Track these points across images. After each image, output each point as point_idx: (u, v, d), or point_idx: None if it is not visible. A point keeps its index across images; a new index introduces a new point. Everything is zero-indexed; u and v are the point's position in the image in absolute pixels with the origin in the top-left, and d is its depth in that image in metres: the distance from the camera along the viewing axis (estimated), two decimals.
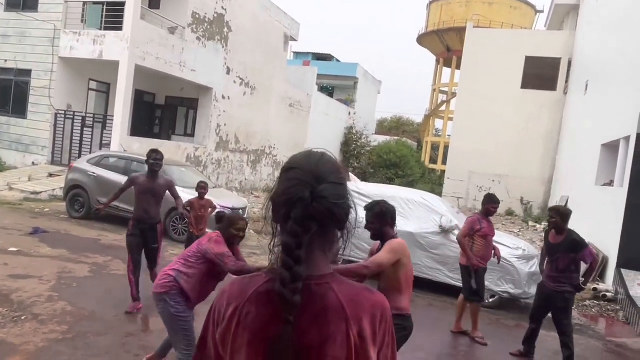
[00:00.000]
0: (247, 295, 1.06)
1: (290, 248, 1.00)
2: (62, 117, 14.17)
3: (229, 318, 1.06)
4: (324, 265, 1.08)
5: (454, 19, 34.74)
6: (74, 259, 7.04)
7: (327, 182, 1.06)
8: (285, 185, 1.07)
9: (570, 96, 20.60)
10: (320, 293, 1.03)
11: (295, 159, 1.13)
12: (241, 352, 1.03)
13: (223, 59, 17.13)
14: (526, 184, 21.81)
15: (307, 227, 1.01)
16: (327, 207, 1.03)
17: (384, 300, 1.09)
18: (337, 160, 1.16)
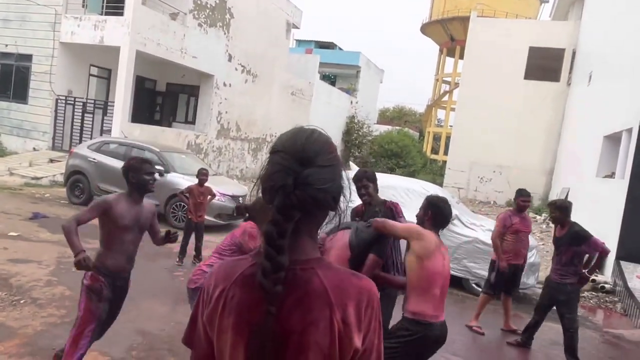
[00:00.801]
0: (233, 278, 1.05)
1: (271, 237, 0.98)
2: (62, 102, 14.13)
3: (215, 299, 1.06)
4: (310, 249, 1.06)
5: (458, 8, 34.44)
6: None
7: (312, 165, 1.01)
8: (270, 170, 1.04)
9: (573, 87, 20.47)
10: (304, 278, 1.01)
11: (281, 140, 1.08)
12: (226, 333, 1.03)
13: (225, 45, 17.03)
14: (527, 175, 21.76)
15: (289, 216, 0.99)
16: (310, 195, 1.00)
17: (371, 286, 1.06)
18: (327, 137, 1.11)
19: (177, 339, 4.42)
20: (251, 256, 1.09)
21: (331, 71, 32.63)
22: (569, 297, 4.94)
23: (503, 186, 22.40)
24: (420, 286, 2.89)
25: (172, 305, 5.28)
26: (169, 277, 6.30)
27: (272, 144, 1.10)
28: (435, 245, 2.92)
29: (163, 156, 9.71)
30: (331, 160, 1.05)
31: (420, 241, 2.89)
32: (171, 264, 6.83)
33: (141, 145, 10.15)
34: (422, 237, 2.90)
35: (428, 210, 3.04)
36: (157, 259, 6.99)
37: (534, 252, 7.59)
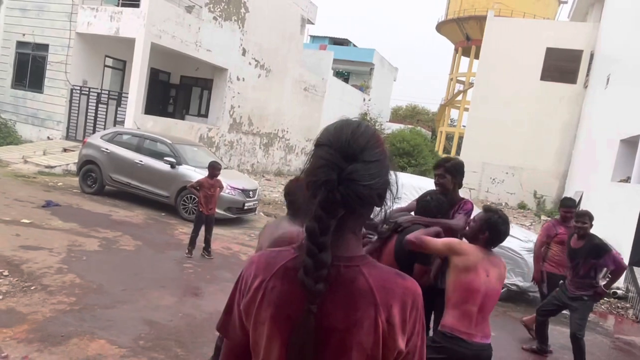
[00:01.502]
0: (274, 269, 1.03)
1: (314, 234, 0.96)
2: (77, 92, 14.24)
3: (254, 290, 1.04)
4: (354, 246, 1.03)
5: (475, 8, 34.10)
6: (84, 232, 7.11)
7: (358, 160, 0.97)
8: (313, 165, 1.01)
9: (590, 90, 20.17)
10: (349, 276, 0.99)
11: (326, 133, 1.04)
12: (264, 325, 1.01)
13: (239, 39, 17.03)
14: (540, 177, 21.54)
15: (332, 213, 0.95)
16: (355, 191, 0.96)
17: (415, 287, 1.04)
18: (374, 131, 1.05)
19: (184, 330, 4.44)
20: (294, 248, 1.06)
21: (345, 68, 32.51)
22: (584, 306, 4.81)
23: (515, 188, 22.19)
24: (454, 299, 2.78)
25: (180, 297, 5.30)
26: (178, 268, 6.32)
27: (317, 136, 1.06)
28: (478, 260, 2.78)
29: (175, 148, 9.74)
30: (378, 155, 1.01)
31: (461, 256, 2.78)
32: (180, 255, 6.85)
33: (154, 136, 10.19)
34: (463, 253, 2.79)
35: (485, 230, 2.83)
36: (167, 250, 7.03)
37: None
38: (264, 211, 11.73)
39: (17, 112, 14.98)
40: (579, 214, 5.00)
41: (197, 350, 4.08)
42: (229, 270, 6.63)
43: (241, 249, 7.98)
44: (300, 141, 22.85)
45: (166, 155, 9.64)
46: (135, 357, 3.80)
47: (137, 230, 7.90)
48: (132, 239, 7.25)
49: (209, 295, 5.52)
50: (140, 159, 9.69)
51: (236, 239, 8.63)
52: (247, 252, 7.78)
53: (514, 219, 16.54)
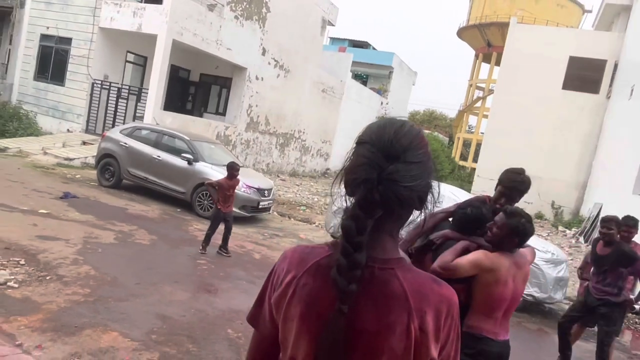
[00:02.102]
0: (307, 265, 1.01)
1: (350, 233, 0.93)
2: (98, 86, 14.40)
3: (285, 285, 1.02)
4: (390, 248, 1.00)
5: (497, 14, 33.76)
6: (100, 225, 7.16)
7: (400, 161, 0.94)
8: (354, 162, 0.98)
9: (613, 100, 19.83)
10: (383, 278, 0.96)
11: (368, 131, 1.02)
12: (293, 321, 1.00)
13: (259, 39, 17.07)
14: (559, 187, 21.20)
15: (370, 212, 0.93)
16: (395, 192, 0.93)
17: (452, 294, 1.00)
18: (418, 131, 1.02)
19: (196, 326, 4.42)
20: (328, 245, 1.04)
21: (364, 70, 32.42)
22: (612, 310, 4.66)
23: (533, 197, 21.84)
24: (482, 307, 2.72)
25: (193, 293, 5.29)
26: (191, 264, 6.32)
27: (359, 134, 1.03)
28: (507, 271, 2.67)
29: (193, 145, 9.78)
30: (421, 156, 0.98)
31: (492, 272, 2.66)
32: (194, 251, 6.85)
33: (172, 132, 10.24)
34: (494, 268, 2.66)
35: (514, 237, 2.70)
36: (181, 246, 7.04)
37: (564, 267, 7.36)
38: (278, 211, 11.72)
39: (39, 104, 15.20)
40: (604, 219, 4.87)
41: (209, 347, 4.06)
42: (242, 268, 6.62)
43: (255, 247, 7.96)
44: (316, 142, 22.83)
45: (184, 151, 9.68)
46: (148, 350, 3.79)
47: (153, 224, 7.94)
48: (148, 233, 7.28)
49: (222, 293, 5.50)
50: (158, 155, 9.75)
51: (250, 237, 8.62)
52: (260, 251, 7.77)
53: None
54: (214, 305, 5.03)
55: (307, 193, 16.09)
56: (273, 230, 9.65)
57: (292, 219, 11.41)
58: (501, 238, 2.72)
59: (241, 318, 4.80)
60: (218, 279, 5.97)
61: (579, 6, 34.84)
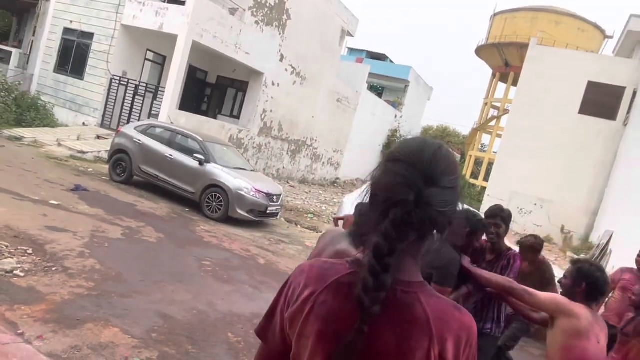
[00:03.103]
0: (327, 283, 0.99)
1: (381, 252, 0.91)
2: (116, 82, 14.55)
3: (302, 301, 1.00)
4: (413, 271, 0.99)
5: (517, 34, 33.70)
6: (109, 220, 7.20)
7: (437, 185, 0.93)
8: (389, 180, 0.96)
9: (630, 128, 19.63)
10: (406, 302, 0.95)
11: (405, 149, 0.99)
12: (308, 339, 0.97)
13: (278, 45, 17.18)
14: (569, 212, 20.98)
15: (404, 234, 0.91)
16: (430, 216, 0.92)
17: (472, 323, 0.99)
18: (453, 157, 1.02)
19: (197, 327, 4.41)
20: (349, 263, 1.01)
21: (379, 82, 32.46)
22: None
23: (543, 220, 21.65)
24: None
25: (196, 294, 5.28)
26: (196, 265, 6.32)
27: (392, 150, 1.02)
28: (589, 324, 2.39)
29: (205, 146, 9.83)
30: (454, 182, 0.98)
31: (571, 319, 2.38)
32: (200, 252, 6.86)
33: (186, 132, 10.31)
34: (573, 314, 2.39)
35: (581, 281, 2.49)
36: (187, 246, 7.05)
37: None
38: (286, 217, 11.71)
39: (57, 96, 15.39)
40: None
41: (209, 350, 4.05)
42: (246, 272, 6.61)
43: (260, 252, 7.95)
44: (327, 151, 22.84)
45: (196, 152, 9.73)
46: (147, 349, 3.78)
47: (161, 222, 7.97)
48: (155, 231, 7.31)
49: (224, 296, 5.49)
50: (170, 153, 9.81)
51: (255, 242, 8.62)
52: (265, 257, 7.75)
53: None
54: (215, 307, 5.02)
55: (315, 201, 16.08)
56: (279, 236, 9.63)
57: (299, 226, 11.40)
58: (570, 286, 2.54)
59: (242, 322, 4.78)
60: (221, 281, 5.96)
61: (600, 31, 34.68)
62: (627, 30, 22.59)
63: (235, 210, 9.23)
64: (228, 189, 9.26)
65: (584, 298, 2.48)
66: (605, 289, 2.54)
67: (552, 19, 33.89)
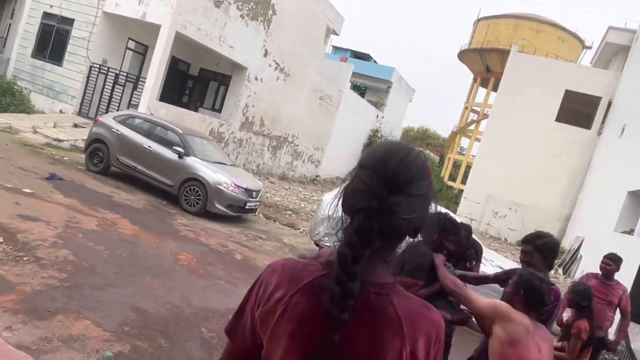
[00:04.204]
0: (300, 284, 0.99)
1: (345, 261, 0.92)
2: (96, 70, 14.29)
3: (274, 301, 1.00)
4: (384, 273, 1.01)
5: (499, 40, 34.19)
6: (84, 210, 7.08)
7: (402, 193, 0.93)
8: (355, 186, 0.97)
9: (604, 137, 20.15)
10: (378, 304, 0.96)
11: (373, 155, 0.99)
12: (280, 341, 0.98)
13: (263, 40, 17.09)
14: (543, 217, 21.44)
15: (368, 242, 0.92)
16: (393, 224, 0.93)
17: (440, 320, 1.01)
18: (423, 161, 1.00)
19: (171, 322, 4.39)
20: (321, 264, 1.02)
21: (363, 82, 32.56)
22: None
23: (517, 224, 22.07)
24: None
25: (171, 288, 5.24)
26: (172, 259, 6.27)
27: (363, 155, 1.02)
28: (527, 331, 2.37)
29: (185, 138, 9.74)
30: (423, 188, 0.97)
31: (509, 325, 2.37)
32: (176, 245, 6.80)
33: (166, 124, 10.19)
34: (511, 320, 2.38)
35: (519, 289, 2.49)
36: (164, 239, 6.99)
37: None
38: (264, 213, 11.69)
39: (34, 82, 15.03)
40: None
41: (181, 345, 4.03)
42: (222, 267, 6.58)
43: (237, 247, 7.93)
44: (308, 148, 22.84)
45: (175, 144, 9.64)
46: (119, 342, 3.75)
47: (137, 215, 7.87)
48: (131, 223, 7.22)
49: (199, 291, 5.47)
50: (149, 145, 9.69)
51: (233, 237, 8.59)
52: (242, 252, 7.74)
53: (511, 255, 16.43)
54: (190, 302, 5.00)
55: (294, 198, 16.08)
56: (257, 232, 9.62)
57: (278, 222, 11.39)
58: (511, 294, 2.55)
59: (216, 318, 4.77)
60: (197, 276, 5.93)
61: (579, 41, 35.42)
62: (605, 41, 23.16)
63: (213, 205, 9.18)
64: (207, 183, 9.20)
65: (522, 306, 2.46)
66: (544, 299, 2.48)
67: (533, 27, 34.48)
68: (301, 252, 9.04)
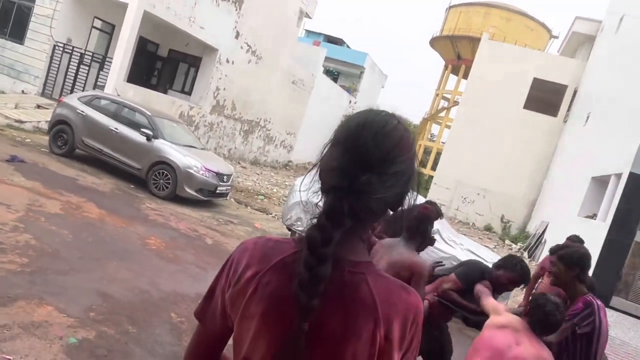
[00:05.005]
0: (271, 262, 0.94)
1: (315, 243, 0.86)
2: (60, 50, 13.75)
3: (245, 281, 0.95)
4: (360, 250, 0.96)
5: (470, 28, 34.48)
6: (47, 194, 6.84)
7: (374, 172, 0.87)
8: (326, 163, 0.92)
9: (569, 125, 20.68)
10: (352, 283, 0.91)
11: (345, 129, 0.93)
12: (251, 321, 0.93)
13: (234, 22, 16.75)
14: (510, 202, 21.96)
15: (338, 223, 0.87)
16: (365, 203, 0.87)
17: (418, 302, 0.97)
18: (403, 132, 0.93)
19: (138, 307, 4.30)
20: (295, 240, 0.97)
21: (335, 67, 32.45)
22: None
23: (484, 209, 22.56)
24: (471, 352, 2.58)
25: (139, 273, 5.13)
26: (140, 243, 6.14)
27: (337, 127, 0.95)
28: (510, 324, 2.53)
29: (154, 121, 9.49)
30: (400, 165, 0.90)
31: (496, 316, 2.62)
32: (144, 230, 6.66)
33: (133, 105, 9.91)
34: (499, 314, 2.65)
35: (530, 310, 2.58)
36: (131, 223, 6.83)
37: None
38: (236, 198, 11.58)
39: None
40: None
41: (150, 330, 3.96)
42: (192, 252, 6.49)
43: (208, 232, 7.83)
44: (280, 133, 22.67)
45: (144, 126, 9.39)
46: (84, 328, 3.65)
47: (103, 198, 7.66)
48: (97, 207, 7.02)
49: (168, 275, 5.37)
50: (116, 127, 9.41)
51: (204, 221, 8.47)
52: (213, 237, 7.64)
53: (479, 239, 16.80)
54: (159, 287, 4.91)
55: (266, 183, 15.98)
56: (228, 217, 9.52)
57: (249, 207, 11.30)
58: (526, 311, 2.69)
59: (186, 302, 4.70)
60: (166, 260, 5.83)
61: (547, 30, 36.05)
62: (572, 31, 23.64)
63: (183, 189, 9.02)
64: (176, 167, 9.02)
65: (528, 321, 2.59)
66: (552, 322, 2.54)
67: (503, 15, 34.89)
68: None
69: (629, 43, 13.94)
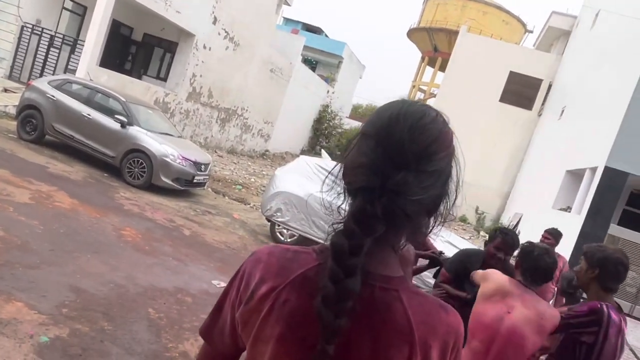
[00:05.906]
0: (290, 277, 0.81)
1: (341, 253, 0.74)
2: (28, 31, 13.17)
3: (259, 298, 0.82)
4: (393, 264, 0.83)
5: (447, 20, 34.66)
6: (15, 182, 6.53)
7: (411, 169, 0.75)
8: (354, 161, 0.79)
9: (544, 118, 21.00)
10: (384, 302, 0.79)
11: (377, 120, 0.81)
12: (267, 345, 0.80)
13: (212, 7, 16.34)
14: (484, 194, 22.23)
15: (369, 229, 0.74)
16: (400, 206, 0.74)
17: (459, 323, 0.85)
18: (442, 126, 0.83)
19: (114, 302, 4.12)
20: (316, 252, 0.84)
21: (314, 56, 32.18)
22: None
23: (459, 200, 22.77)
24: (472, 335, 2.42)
25: (114, 266, 4.93)
26: (115, 235, 5.92)
27: (367, 120, 0.83)
28: (498, 288, 2.39)
29: (128, 107, 9.18)
30: (439, 162, 0.79)
31: (484, 283, 2.46)
32: (119, 221, 6.43)
33: (107, 91, 9.55)
34: (486, 279, 2.47)
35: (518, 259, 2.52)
36: (105, 214, 6.58)
37: None
38: (213, 188, 11.36)
39: None
40: None
41: (126, 327, 3.79)
42: (170, 244, 6.30)
43: (185, 223, 7.63)
44: (258, 122, 22.37)
45: (117, 113, 9.07)
46: (56, 325, 3.46)
47: (75, 187, 7.37)
48: (68, 196, 6.74)
49: (145, 268, 5.18)
50: (88, 113, 9.06)
51: (181, 212, 8.26)
52: (191, 227, 7.45)
53: (454, 230, 16.97)
54: (135, 281, 4.72)
55: (244, 172, 15.76)
56: (206, 207, 9.31)
57: (227, 197, 11.10)
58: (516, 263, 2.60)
59: (164, 297, 4.54)
60: (143, 253, 5.63)
61: (522, 25, 36.52)
62: (548, 25, 23.95)
63: (159, 178, 8.76)
64: (152, 155, 8.75)
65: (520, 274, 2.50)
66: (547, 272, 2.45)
67: (480, 8, 35.17)
68: (252, 229, 8.87)
69: (604, 38, 14.17)
